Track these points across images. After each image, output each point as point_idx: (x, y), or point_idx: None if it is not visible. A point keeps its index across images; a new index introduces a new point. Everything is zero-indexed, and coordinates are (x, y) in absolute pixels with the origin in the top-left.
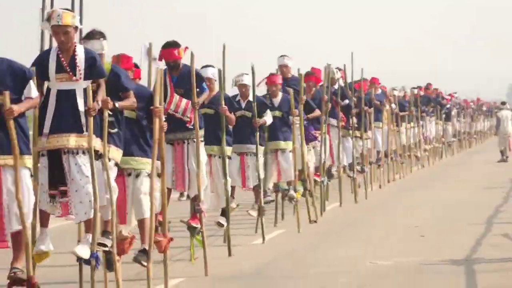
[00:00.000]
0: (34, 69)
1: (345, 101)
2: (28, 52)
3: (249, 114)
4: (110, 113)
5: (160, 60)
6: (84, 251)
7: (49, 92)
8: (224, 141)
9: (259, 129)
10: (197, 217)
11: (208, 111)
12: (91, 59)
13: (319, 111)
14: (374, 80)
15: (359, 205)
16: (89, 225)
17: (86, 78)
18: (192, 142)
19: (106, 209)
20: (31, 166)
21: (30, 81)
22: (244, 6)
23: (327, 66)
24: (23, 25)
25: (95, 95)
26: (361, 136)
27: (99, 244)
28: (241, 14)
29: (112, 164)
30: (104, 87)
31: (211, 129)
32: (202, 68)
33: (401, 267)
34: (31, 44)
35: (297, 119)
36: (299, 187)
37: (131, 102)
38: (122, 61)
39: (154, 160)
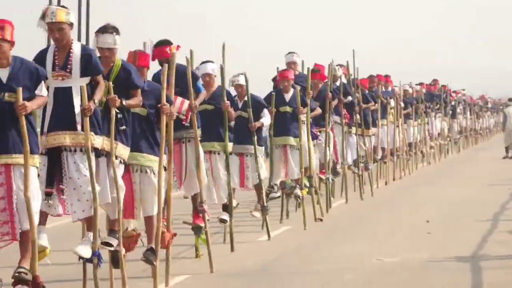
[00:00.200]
0: None
1: (348, 98)
2: (36, 50)
3: (245, 114)
4: (117, 111)
5: (153, 59)
6: (85, 251)
7: (48, 90)
8: (227, 137)
9: (257, 131)
10: (201, 217)
11: (207, 107)
12: (87, 56)
13: (320, 110)
14: (380, 77)
15: (365, 202)
16: (90, 224)
17: (82, 75)
18: (189, 141)
19: (112, 207)
20: (39, 165)
21: (42, 80)
22: (244, 6)
23: (330, 63)
24: (30, 24)
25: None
26: (362, 133)
27: (104, 243)
28: (241, 14)
29: (118, 162)
30: (103, 85)
31: (211, 126)
32: (201, 63)
33: (407, 263)
34: (39, 43)
35: (304, 116)
36: (306, 182)
37: (137, 100)
38: (139, 58)
39: (161, 158)
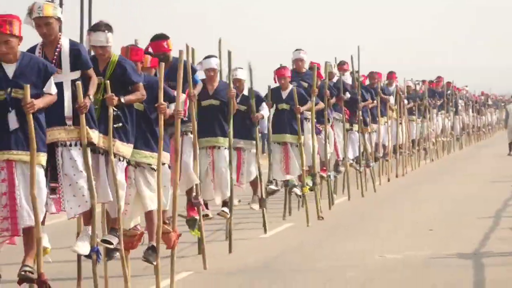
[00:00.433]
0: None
1: (346, 95)
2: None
3: (243, 108)
4: (114, 109)
5: (147, 53)
6: (84, 248)
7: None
8: (231, 132)
9: (251, 125)
10: (195, 209)
11: (213, 102)
12: (75, 51)
13: (323, 104)
14: (379, 75)
15: (367, 199)
16: (87, 218)
17: (72, 69)
18: (186, 135)
19: (112, 206)
20: (45, 163)
21: (51, 77)
22: (244, 6)
23: (326, 63)
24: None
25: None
26: (362, 131)
27: (104, 241)
28: (241, 14)
29: (117, 159)
30: (95, 80)
31: (216, 121)
32: (205, 58)
33: (410, 260)
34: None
35: (309, 113)
36: (308, 181)
37: (139, 95)
38: (131, 53)
39: (160, 154)
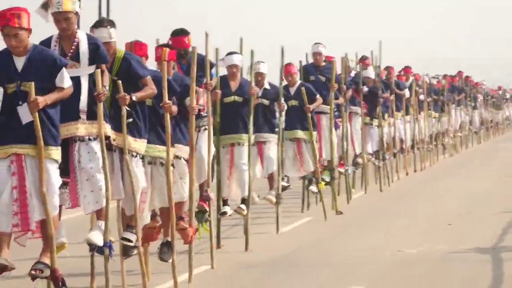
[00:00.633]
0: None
1: (364, 88)
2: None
3: (266, 101)
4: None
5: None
6: (98, 238)
7: None
8: (251, 128)
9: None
10: (206, 202)
11: (237, 99)
12: (93, 45)
13: (321, 100)
14: (391, 69)
15: (385, 194)
16: (100, 212)
17: (90, 63)
18: (205, 130)
19: (128, 203)
20: (59, 158)
21: (62, 69)
22: (244, 6)
23: (344, 56)
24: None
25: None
26: (379, 125)
27: (123, 239)
28: (241, 14)
29: (130, 156)
30: (107, 73)
31: (239, 117)
32: (227, 54)
33: (426, 256)
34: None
35: (328, 108)
36: (326, 176)
37: (149, 90)
38: (135, 48)
39: (168, 149)
